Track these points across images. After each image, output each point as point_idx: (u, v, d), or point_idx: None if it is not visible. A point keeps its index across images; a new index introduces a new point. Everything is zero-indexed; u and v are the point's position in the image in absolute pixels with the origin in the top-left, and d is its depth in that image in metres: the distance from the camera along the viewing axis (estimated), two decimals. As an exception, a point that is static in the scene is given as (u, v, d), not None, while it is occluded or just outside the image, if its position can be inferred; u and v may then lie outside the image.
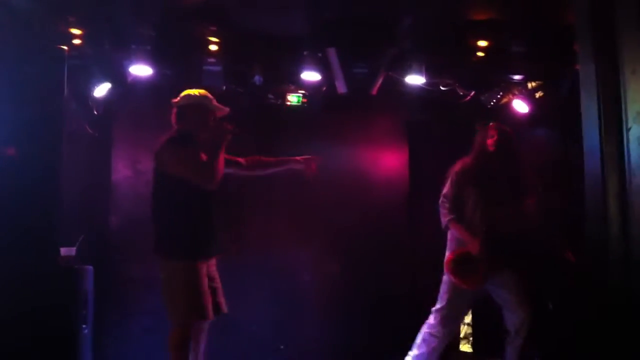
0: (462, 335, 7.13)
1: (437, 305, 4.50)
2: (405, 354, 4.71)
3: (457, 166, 4.55)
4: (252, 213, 6.31)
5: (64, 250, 4.70)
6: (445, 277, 4.49)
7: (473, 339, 6.98)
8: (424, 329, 4.53)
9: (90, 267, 4.79)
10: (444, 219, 4.47)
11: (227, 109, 4.33)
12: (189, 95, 4.25)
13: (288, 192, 6.36)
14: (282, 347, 6.20)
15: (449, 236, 4.58)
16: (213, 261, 4.21)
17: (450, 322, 4.47)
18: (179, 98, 4.26)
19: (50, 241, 4.32)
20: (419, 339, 4.54)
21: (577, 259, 5.58)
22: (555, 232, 6.02)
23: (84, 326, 4.55)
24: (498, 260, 4.31)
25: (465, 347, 7.06)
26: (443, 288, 4.49)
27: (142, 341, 5.76)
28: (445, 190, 4.53)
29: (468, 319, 7.16)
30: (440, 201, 4.53)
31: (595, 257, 2.49)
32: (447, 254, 4.53)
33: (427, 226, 6.41)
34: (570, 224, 5.28)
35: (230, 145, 4.36)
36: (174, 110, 4.23)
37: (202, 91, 4.30)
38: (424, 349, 4.50)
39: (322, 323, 6.35)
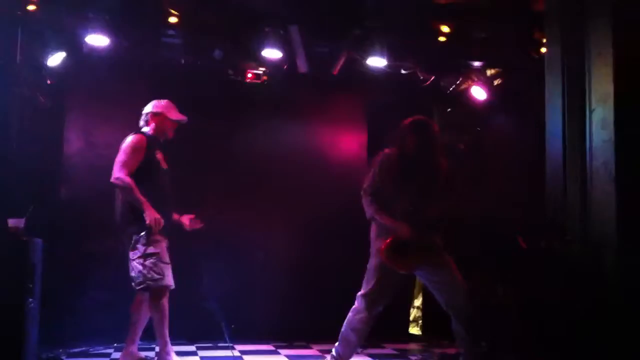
0: (411, 318, 7.21)
1: (364, 290, 4.55)
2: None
3: (379, 158, 4.61)
4: (209, 193, 6.23)
5: (12, 222, 4.55)
6: (372, 263, 4.54)
7: (423, 322, 7.07)
8: (350, 315, 4.58)
9: (39, 240, 4.66)
10: (370, 210, 4.51)
11: (185, 118, 4.78)
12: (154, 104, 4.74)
13: (245, 171, 6.31)
14: (232, 326, 6.17)
15: (374, 228, 4.62)
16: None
17: (376, 305, 4.51)
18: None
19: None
20: (345, 327, 4.59)
21: (529, 244, 5.68)
22: (509, 218, 6.13)
23: (30, 299, 4.42)
24: (426, 242, 4.39)
25: (415, 330, 7.15)
26: (370, 273, 4.53)
27: (93, 315, 5.66)
28: (367, 181, 4.58)
29: (418, 302, 7.25)
30: (362, 192, 4.57)
31: (555, 237, 2.53)
32: (379, 243, 4.57)
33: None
34: (526, 210, 5.38)
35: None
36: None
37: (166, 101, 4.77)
38: (351, 336, 4.55)
39: (275, 302, 6.34)
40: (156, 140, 4.66)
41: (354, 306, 4.56)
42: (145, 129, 4.67)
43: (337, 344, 4.61)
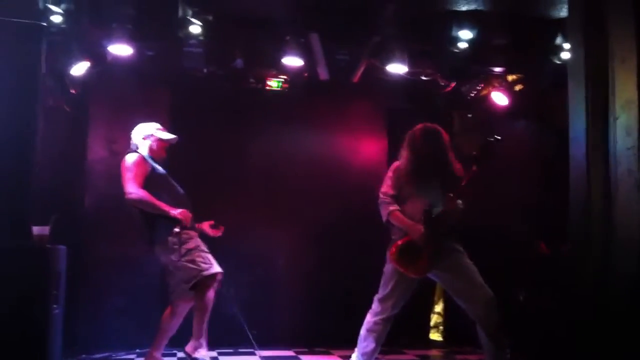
0: (432, 324, 7.19)
1: (380, 294, 4.58)
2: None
3: (395, 165, 4.65)
4: (231, 200, 6.27)
5: (36, 229, 4.61)
6: (388, 267, 4.56)
7: (444, 328, 7.04)
8: (368, 318, 4.61)
9: (64, 247, 4.71)
10: (385, 212, 4.55)
11: (175, 138, 4.87)
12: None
13: (266, 178, 6.35)
14: (254, 332, 6.20)
15: (392, 232, 4.64)
16: None
17: (392, 309, 4.54)
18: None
19: (22, 219, 4.24)
20: (363, 330, 4.61)
21: (551, 251, 5.65)
22: (529, 224, 6.10)
23: (54, 306, 4.47)
24: (441, 246, 4.39)
25: (435, 336, 7.12)
26: (386, 277, 4.56)
27: (115, 321, 5.72)
28: (384, 187, 4.62)
29: (439, 308, 7.23)
30: (380, 198, 4.60)
31: (579, 243, 2.52)
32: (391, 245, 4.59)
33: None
34: (546, 216, 5.35)
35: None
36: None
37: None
38: (369, 341, 4.57)
39: (295, 309, 6.36)
40: (152, 159, 4.73)
41: (371, 309, 4.59)
42: (140, 150, 4.73)
43: (356, 348, 4.63)
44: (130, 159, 4.61)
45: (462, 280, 4.41)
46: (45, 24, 4.55)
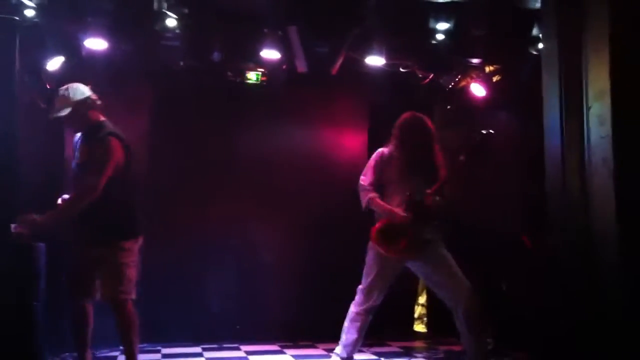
0: (416, 315, 7.22)
1: (363, 284, 4.62)
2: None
3: (380, 152, 4.67)
4: (213, 194, 6.25)
5: (15, 227, 4.56)
6: (370, 257, 4.59)
7: (427, 319, 7.07)
8: (351, 309, 4.64)
9: (42, 244, 4.67)
10: (365, 198, 4.59)
11: None
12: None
13: (249, 171, 6.32)
14: (237, 327, 6.20)
15: (374, 219, 4.66)
16: None
17: (375, 298, 4.57)
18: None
19: (3, 215, 4.20)
20: (346, 321, 4.64)
21: (533, 242, 5.68)
22: (511, 215, 6.13)
23: (35, 303, 4.45)
24: (422, 234, 4.41)
25: (420, 328, 7.15)
26: (368, 267, 4.61)
27: (99, 319, 5.66)
28: (365, 174, 4.64)
29: (422, 299, 7.25)
30: (359, 184, 4.62)
31: (556, 231, 2.53)
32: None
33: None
34: (528, 207, 5.38)
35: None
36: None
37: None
38: (352, 332, 4.60)
39: (280, 302, 6.35)
40: None
41: (354, 300, 4.62)
42: None
43: (340, 340, 4.65)
44: None
45: (441, 271, 4.45)
46: (18, 18, 4.49)
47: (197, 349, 5.84)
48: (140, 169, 5.92)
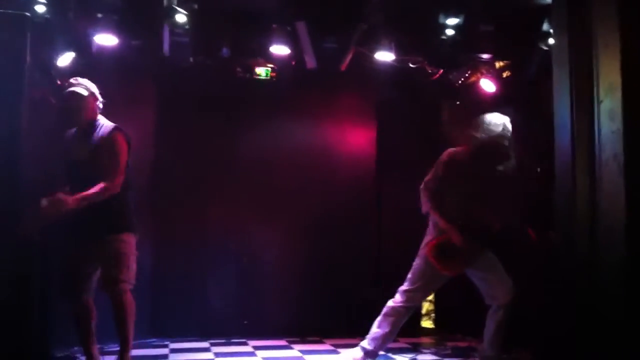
0: (423, 311, 7.21)
1: (407, 287, 4.57)
2: (366, 333, 4.76)
3: (445, 157, 4.54)
4: (219, 191, 6.25)
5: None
6: (420, 264, 4.54)
7: (435, 316, 7.07)
8: (388, 304, 4.61)
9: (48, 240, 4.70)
10: (426, 205, 4.51)
11: None
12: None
13: (255, 169, 6.32)
14: (245, 322, 6.21)
15: (430, 221, 4.63)
16: None
17: (416, 302, 4.57)
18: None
19: (10, 212, 4.21)
20: (380, 316, 4.61)
21: (539, 238, 5.66)
22: (519, 214, 6.10)
23: (37, 300, 4.49)
24: (476, 249, 4.41)
25: (427, 324, 7.15)
26: (417, 273, 4.54)
27: (107, 314, 5.68)
28: (428, 177, 4.54)
29: (430, 296, 7.25)
30: (421, 187, 4.54)
31: (564, 228, 2.53)
32: (429, 238, 4.57)
33: (394, 205, 6.46)
34: (536, 204, 5.34)
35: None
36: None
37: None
38: (385, 325, 4.57)
39: (287, 299, 6.36)
40: None
41: (393, 299, 4.59)
42: None
43: (369, 333, 4.62)
44: None
45: (491, 273, 4.46)
46: (29, 14, 4.50)
47: (205, 344, 5.85)
48: (149, 163, 5.97)
